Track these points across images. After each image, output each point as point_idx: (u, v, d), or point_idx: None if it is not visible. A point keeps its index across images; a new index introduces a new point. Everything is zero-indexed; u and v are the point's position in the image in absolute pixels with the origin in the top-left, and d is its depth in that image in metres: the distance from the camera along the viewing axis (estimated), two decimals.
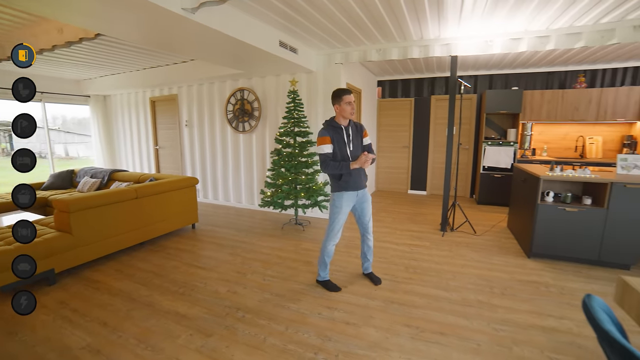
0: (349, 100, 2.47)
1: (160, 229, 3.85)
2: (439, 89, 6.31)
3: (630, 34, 3.22)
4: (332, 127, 2.52)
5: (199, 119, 5.89)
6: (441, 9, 3.01)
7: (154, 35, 3.08)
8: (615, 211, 3.00)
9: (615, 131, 5.34)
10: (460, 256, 3.41)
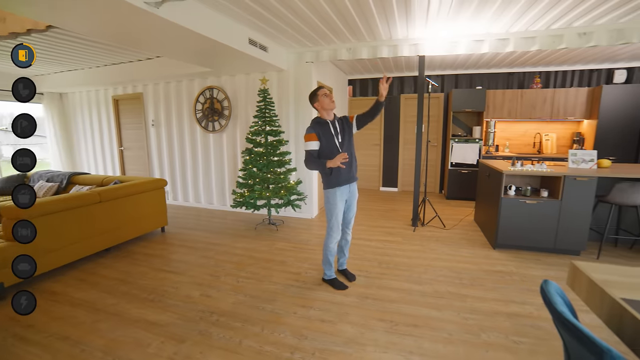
0: (324, 93, 2.51)
1: (126, 233, 3.67)
2: (408, 88, 6.48)
3: (575, 40, 3.53)
4: (317, 124, 2.53)
5: (166, 118, 5.67)
6: (409, 10, 3.09)
7: (114, 30, 2.90)
8: (568, 202, 3.24)
9: (567, 128, 5.75)
10: (431, 250, 3.53)
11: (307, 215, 4.84)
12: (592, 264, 1.32)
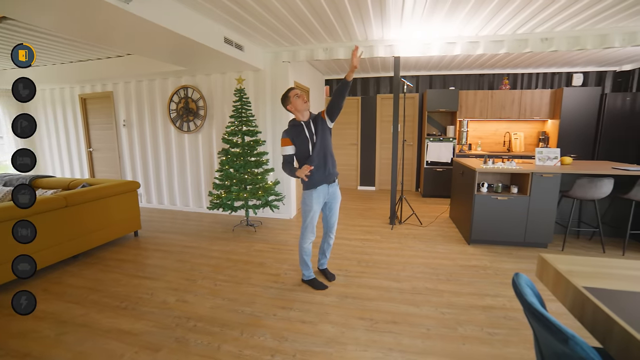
0: (296, 93, 2.46)
1: (96, 239, 3.50)
2: (384, 88, 6.59)
3: (539, 44, 3.73)
4: (292, 127, 2.50)
5: (138, 118, 5.45)
6: (384, 10, 3.13)
7: (81, 25, 2.75)
8: (535, 198, 3.41)
9: (533, 128, 6.05)
10: (409, 247, 3.60)
11: (286, 215, 4.81)
12: (558, 256, 1.38)
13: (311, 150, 2.46)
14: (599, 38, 3.61)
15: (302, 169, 2.36)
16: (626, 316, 0.93)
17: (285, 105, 2.51)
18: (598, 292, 1.10)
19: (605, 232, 3.78)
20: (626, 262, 1.36)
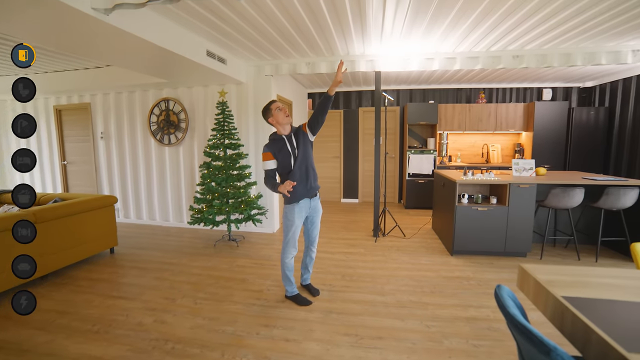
0: (278, 107, 2.45)
1: (68, 257, 3.31)
2: (365, 101, 6.71)
3: (511, 61, 3.94)
4: (273, 141, 2.47)
5: (117, 130, 5.30)
6: (364, 27, 3.21)
7: (58, 37, 2.66)
8: (514, 208, 3.50)
9: (509, 140, 6.28)
10: (393, 260, 3.61)
11: (269, 229, 4.74)
12: (537, 266, 1.41)
13: (293, 164, 2.44)
14: (564, 57, 3.85)
15: (284, 184, 2.33)
16: (603, 324, 0.95)
17: (267, 117, 2.48)
18: (576, 301, 1.12)
19: (580, 240, 3.92)
20: (601, 270, 1.40)
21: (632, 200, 3.34)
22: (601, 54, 3.79)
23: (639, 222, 3.54)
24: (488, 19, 3.00)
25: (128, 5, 2.15)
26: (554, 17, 2.93)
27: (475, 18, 2.97)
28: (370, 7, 2.73)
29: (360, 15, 2.92)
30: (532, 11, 2.82)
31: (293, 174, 2.43)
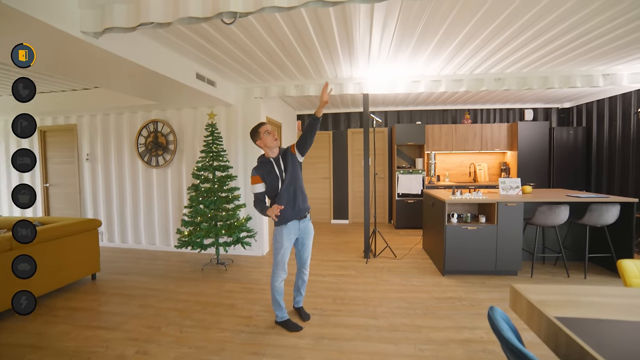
0: (266, 130, 2.44)
1: (45, 285, 3.15)
2: (354, 122, 6.82)
3: (493, 83, 4.10)
4: (261, 164, 2.47)
5: (104, 152, 5.22)
6: (352, 51, 3.31)
7: (47, 60, 2.65)
8: (502, 226, 3.53)
9: (495, 159, 6.43)
10: (384, 281, 3.55)
11: (258, 252, 4.64)
12: (529, 286, 1.40)
13: (280, 186, 2.43)
14: (542, 79, 4.03)
15: (271, 208, 2.33)
16: (597, 345, 0.93)
17: (255, 140, 2.48)
18: (569, 321, 1.11)
19: (568, 257, 3.96)
20: (591, 288, 1.40)
21: (614, 216, 3.42)
22: (576, 78, 3.98)
23: (622, 238, 3.61)
24: (470, 44, 3.13)
25: (118, 29, 2.16)
26: (530, 43, 3.08)
27: (457, 43, 3.10)
28: (357, 31, 2.82)
29: (347, 39, 3.01)
30: (510, 38, 2.96)
31: (280, 197, 2.42)
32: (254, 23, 2.60)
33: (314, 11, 2.45)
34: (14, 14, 1.80)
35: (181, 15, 1.95)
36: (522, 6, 2.38)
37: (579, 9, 2.41)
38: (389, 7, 2.40)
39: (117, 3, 2.10)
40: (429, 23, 2.66)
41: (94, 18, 2.16)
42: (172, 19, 1.99)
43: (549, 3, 2.32)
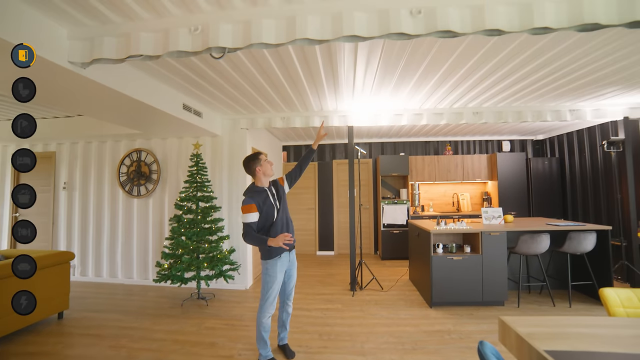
0: (265, 158, 2.51)
1: (2, 327, 2.84)
2: (339, 154, 6.94)
3: (472, 117, 4.31)
4: (256, 193, 2.41)
5: (83, 180, 5.06)
6: (337, 86, 3.44)
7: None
8: (487, 256, 3.55)
9: (477, 189, 6.60)
10: (371, 315, 3.45)
11: (241, 286, 4.47)
12: (517, 318, 1.39)
13: (275, 216, 2.40)
14: (516, 114, 4.27)
15: (277, 237, 2.24)
16: None
17: (253, 167, 2.46)
18: (559, 355, 1.10)
19: (552, 285, 3.99)
20: (577, 319, 1.40)
21: (592, 244, 3.52)
22: (546, 112, 4.25)
23: (601, 265, 3.69)
24: (448, 81, 3.31)
25: (106, 60, 2.18)
26: (503, 81, 3.29)
27: (437, 80, 3.27)
28: (342, 67, 2.95)
29: (332, 74, 3.13)
30: (485, 76, 3.16)
31: (275, 227, 2.38)
32: (242, 57, 2.68)
33: (300, 47, 2.55)
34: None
35: (171, 49, 2.00)
36: (494, 48, 2.56)
37: (548, 50, 2.61)
38: (372, 45, 2.53)
39: (107, 36, 2.14)
40: (410, 61, 2.82)
41: (83, 49, 2.18)
42: (161, 52, 2.04)
43: (518, 45, 2.52)
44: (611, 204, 4.76)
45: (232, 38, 1.96)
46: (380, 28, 1.84)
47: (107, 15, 2.03)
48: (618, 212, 4.42)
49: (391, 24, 1.81)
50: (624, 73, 3.10)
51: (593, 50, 2.61)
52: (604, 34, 2.35)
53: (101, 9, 1.97)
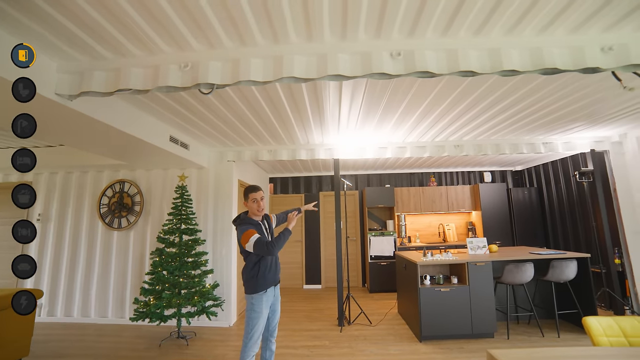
0: (254, 198, 2.48)
1: None
2: (326, 186, 7.00)
3: (453, 150, 4.50)
4: (250, 224, 2.41)
5: (59, 212, 4.86)
6: (323, 121, 3.55)
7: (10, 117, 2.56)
8: (474, 286, 3.55)
9: (462, 219, 6.71)
10: (360, 352, 3.33)
11: (224, 323, 4.26)
12: (505, 351, 1.38)
13: None
14: (495, 146, 4.48)
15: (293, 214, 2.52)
16: None
17: (245, 199, 2.52)
18: None
19: (539, 315, 3.98)
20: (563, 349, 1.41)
21: (574, 272, 3.59)
22: (522, 145, 4.48)
23: (585, 293, 3.74)
24: (429, 117, 3.48)
25: (95, 94, 2.20)
26: (480, 116, 3.48)
27: (418, 115, 3.43)
28: (328, 103, 3.07)
29: (318, 110, 3.25)
30: (462, 112, 3.34)
31: (265, 260, 2.39)
32: (230, 93, 2.77)
33: (287, 84, 2.66)
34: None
35: (160, 84, 2.06)
36: (470, 86, 2.74)
37: (518, 88, 2.81)
38: (356, 83, 2.67)
39: (97, 70, 2.19)
40: (392, 98, 2.97)
41: (72, 82, 2.20)
42: (151, 87, 2.09)
43: (492, 84, 2.70)
44: (588, 232, 4.91)
45: (220, 75, 2.04)
46: (363, 68, 1.97)
47: (99, 51, 2.09)
48: (595, 239, 4.56)
49: (373, 65, 1.94)
50: (586, 111, 3.35)
51: (557, 90, 2.83)
52: (564, 77, 2.56)
53: (93, 45, 2.02)
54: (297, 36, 1.98)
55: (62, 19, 1.77)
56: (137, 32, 1.90)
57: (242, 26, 1.87)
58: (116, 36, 1.93)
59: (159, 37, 1.95)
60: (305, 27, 1.90)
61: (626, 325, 1.69)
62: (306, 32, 1.94)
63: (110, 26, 1.84)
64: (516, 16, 1.83)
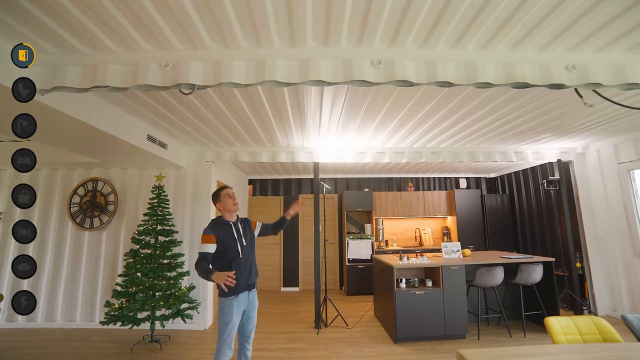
0: (228, 193, 2.49)
1: None
2: (305, 188, 7.02)
3: (430, 156, 4.65)
4: (218, 225, 2.40)
5: (25, 210, 4.61)
6: (304, 124, 3.58)
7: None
8: (448, 289, 3.67)
9: (437, 223, 6.91)
10: (337, 354, 3.36)
11: (200, 326, 4.18)
12: (474, 350, 1.45)
13: (240, 251, 2.37)
14: (470, 154, 4.67)
15: (220, 274, 2.12)
16: None
17: (215, 203, 2.52)
18: None
19: (508, 316, 4.16)
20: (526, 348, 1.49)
21: (540, 275, 3.79)
22: (495, 153, 4.69)
23: (549, 295, 3.96)
24: (407, 124, 3.58)
25: (69, 89, 2.12)
26: (455, 125, 3.62)
27: (396, 123, 3.53)
28: (309, 107, 3.10)
29: (299, 114, 3.27)
30: (439, 121, 3.46)
31: (237, 263, 2.33)
32: (211, 94, 2.74)
33: (269, 88, 2.67)
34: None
35: (139, 82, 2.02)
36: (447, 96, 2.85)
37: (492, 100, 2.95)
38: (337, 89, 2.72)
39: (72, 65, 2.11)
40: (372, 105, 3.04)
41: (44, 76, 2.11)
42: (129, 85, 2.04)
43: (467, 95, 2.82)
44: (553, 237, 5.19)
45: (202, 76, 2.03)
46: (344, 75, 2.01)
47: (74, 45, 2.02)
48: (559, 244, 4.83)
49: (354, 72, 1.99)
50: (553, 123, 3.56)
51: (527, 103, 2.99)
52: (533, 91, 2.72)
53: (67, 38, 1.95)
54: (280, 41, 2.00)
55: (28, 5, 1.67)
56: (115, 27, 1.85)
57: (226, 28, 1.87)
58: (92, 29, 1.87)
59: (139, 34, 1.92)
60: (289, 32, 1.92)
61: (582, 324, 1.82)
62: (289, 37, 1.97)
63: (85, 18, 1.78)
64: (491, 32, 1.94)
